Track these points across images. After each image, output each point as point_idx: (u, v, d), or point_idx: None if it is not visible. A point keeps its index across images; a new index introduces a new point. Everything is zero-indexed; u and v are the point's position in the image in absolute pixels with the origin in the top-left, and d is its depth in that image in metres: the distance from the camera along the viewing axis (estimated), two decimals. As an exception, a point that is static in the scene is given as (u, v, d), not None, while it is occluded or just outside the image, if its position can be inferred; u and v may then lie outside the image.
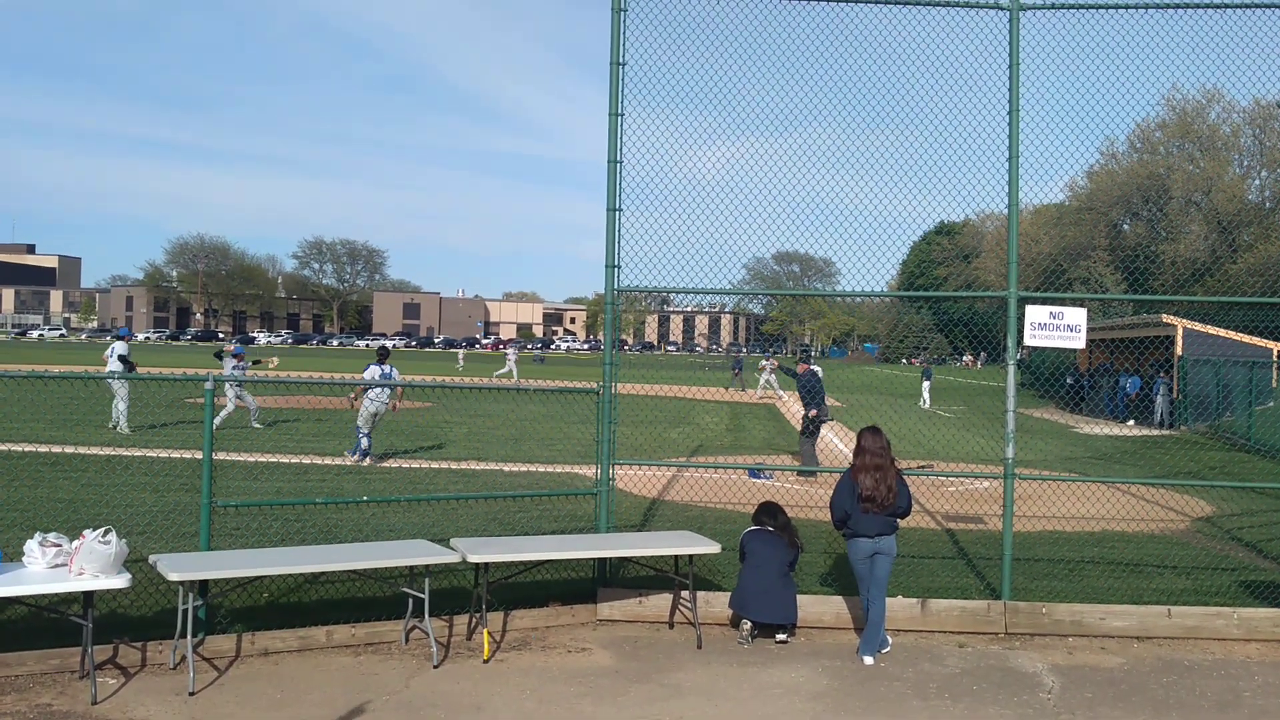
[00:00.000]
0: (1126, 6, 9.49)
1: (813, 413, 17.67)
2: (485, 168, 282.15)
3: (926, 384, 39.70)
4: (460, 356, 72.11)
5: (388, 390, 17.77)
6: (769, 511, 9.07)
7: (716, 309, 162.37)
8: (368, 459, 17.44)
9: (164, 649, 7.46)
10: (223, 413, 21.65)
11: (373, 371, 18.36)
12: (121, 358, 20.97)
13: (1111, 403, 35.64)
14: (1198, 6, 9.47)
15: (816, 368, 18.56)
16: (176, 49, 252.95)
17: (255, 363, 27.63)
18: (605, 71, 9.39)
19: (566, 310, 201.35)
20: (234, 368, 22.38)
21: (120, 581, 6.87)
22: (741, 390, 43.87)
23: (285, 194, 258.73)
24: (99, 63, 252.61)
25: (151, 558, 7.46)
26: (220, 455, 8.35)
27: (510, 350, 57.56)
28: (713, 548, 8.75)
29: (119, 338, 22.32)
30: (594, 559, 9.39)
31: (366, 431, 17.66)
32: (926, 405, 37.95)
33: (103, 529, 6.91)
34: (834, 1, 9.48)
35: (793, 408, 34.31)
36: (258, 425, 22.17)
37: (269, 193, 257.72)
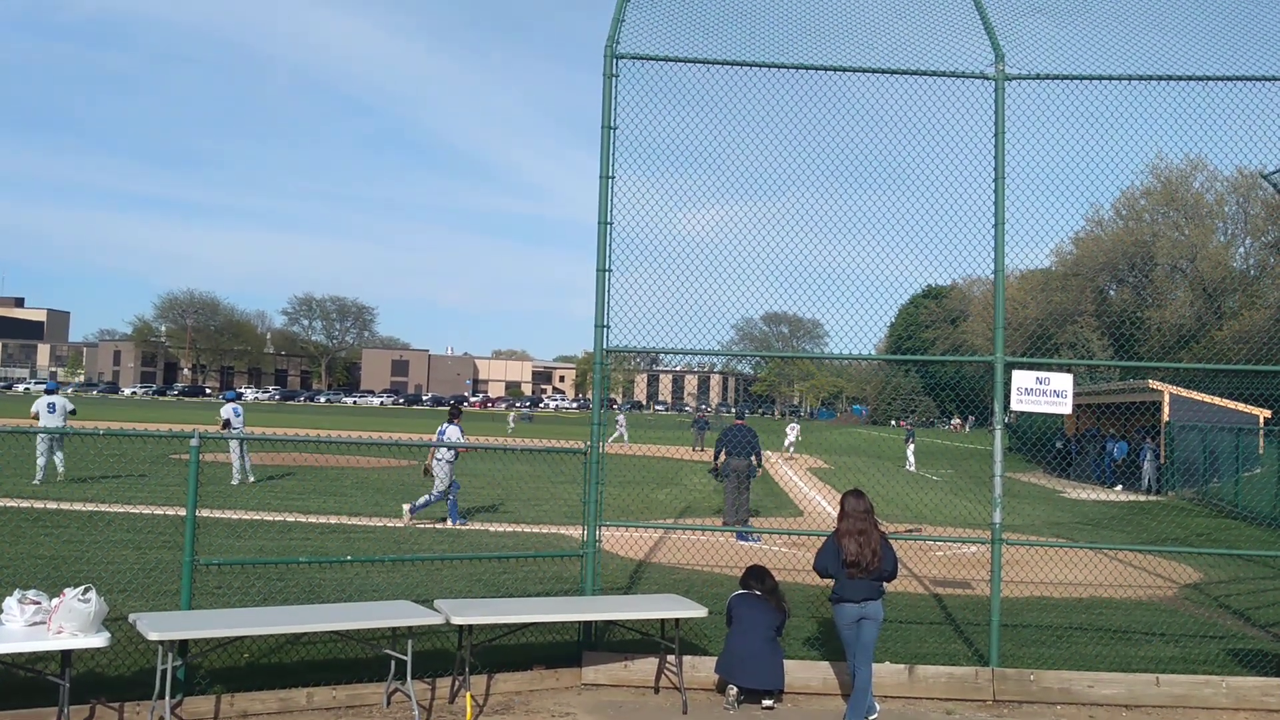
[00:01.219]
0: (1110, 78, 9.66)
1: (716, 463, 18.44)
2: (476, 226, 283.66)
3: (910, 447, 39.91)
4: (511, 419, 64.58)
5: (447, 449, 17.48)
6: (757, 575, 9.01)
7: (705, 369, 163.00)
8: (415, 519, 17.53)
9: (141, 710, 7.35)
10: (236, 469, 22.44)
11: (450, 431, 18.27)
12: (72, 412, 21.61)
13: (1099, 468, 35.67)
14: (1180, 79, 9.64)
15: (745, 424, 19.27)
16: (171, 106, 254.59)
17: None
18: (597, 134, 9.50)
19: (556, 369, 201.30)
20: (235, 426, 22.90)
21: (99, 640, 6.78)
22: (703, 450, 43.40)
23: (276, 250, 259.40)
24: (92, 117, 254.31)
25: (131, 616, 7.37)
26: (203, 512, 8.28)
27: (620, 414, 53.69)
28: (699, 611, 8.69)
29: (50, 391, 22.44)
30: (579, 622, 9.31)
31: (435, 492, 17.64)
32: (912, 468, 38.02)
33: (83, 587, 6.83)
34: (822, 70, 9.63)
35: (781, 470, 34.26)
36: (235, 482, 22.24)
37: (260, 249, 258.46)
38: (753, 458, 18.20)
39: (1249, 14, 9.97)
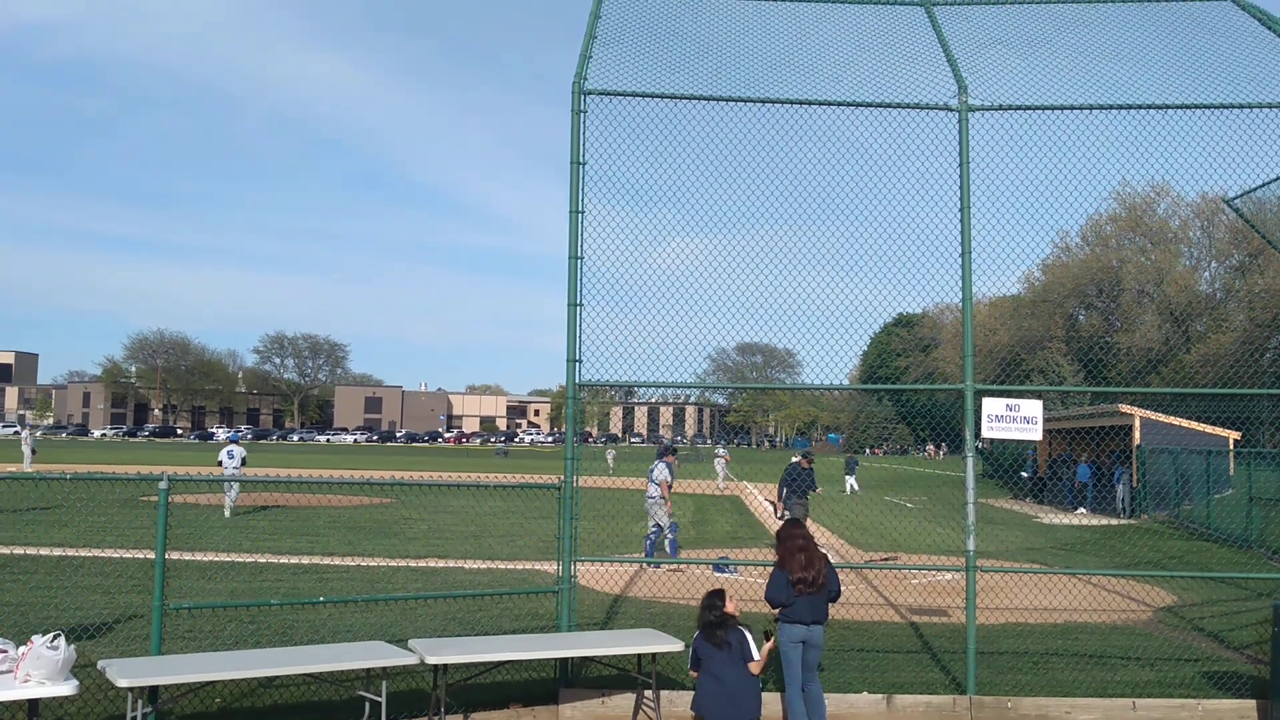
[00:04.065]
0: (1073, 108, 9.79)
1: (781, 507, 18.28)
2: (449, 261, 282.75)
3: (850, 478, 41.51)
4: (610, 458, 57.29)
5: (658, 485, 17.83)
6: (713, 612, 8.69)
7: (681, 400, 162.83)
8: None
9: (111, 759, 7.23)
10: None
11: (659, 469, 18.48)
12: None
13: (1071, 492, 35.87)
14: (1141, 107, 9.78)
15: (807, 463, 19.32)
16: (142, 146, 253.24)
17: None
18: (568, 169, 9.53)
19: (530, 402, 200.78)
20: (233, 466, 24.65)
21: (67, 688, 6.67)
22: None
23: (248, 289, 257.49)
24: (61, 158, 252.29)
25: (100, 663, 7.27)
26: (174, 555, 8.19)
27: (721, 452, 48.05)
28: (675, 646, 8.64)
29: None
30: (556, 659, 9.24)
31: (653, 529, 17.62)
32: (854, 490, 40.04)
33: (51, 634, 6.73)
34: (789, 104, 9.72)
35: (757, 500, 34.23)
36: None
37: (231, 287, 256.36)
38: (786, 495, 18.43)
39: (1206, 44, 10.17)
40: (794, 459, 19.40)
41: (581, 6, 10.38)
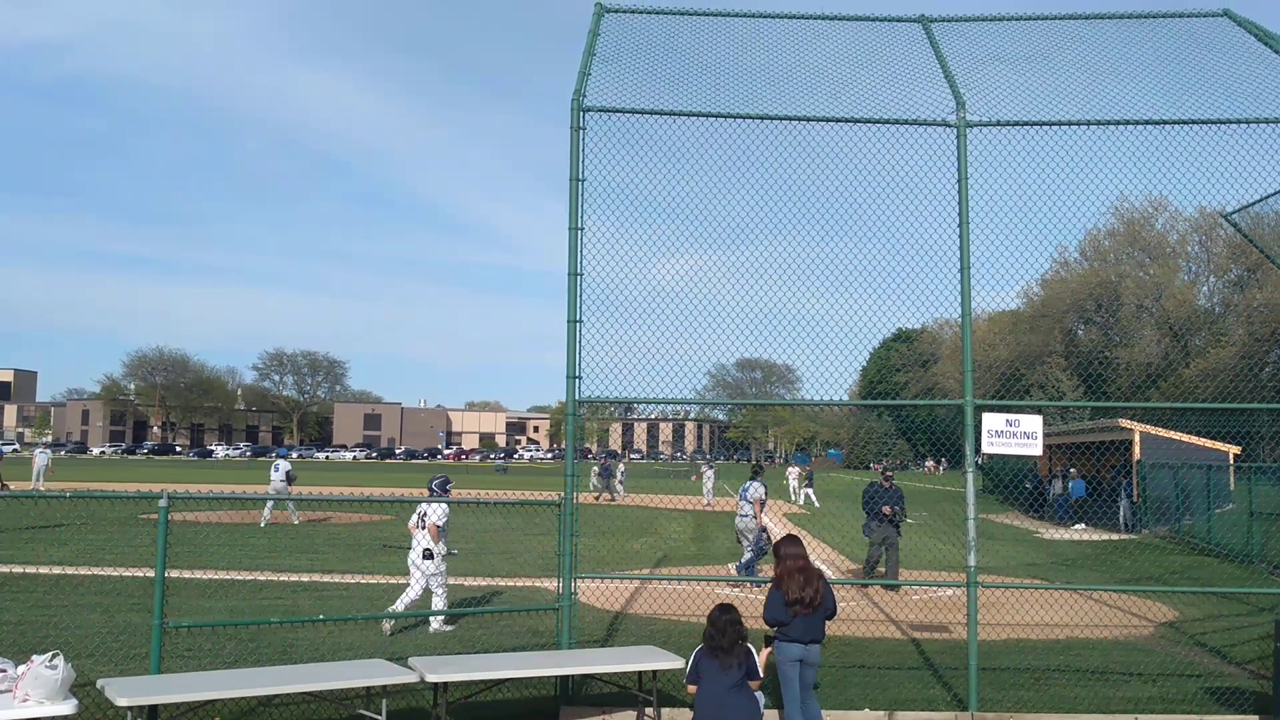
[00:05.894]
0: (1070, 123, 9.81)
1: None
2: (449, 278, 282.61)
3: (809, 488, 43.09)
4: (594, 475, 54.20)
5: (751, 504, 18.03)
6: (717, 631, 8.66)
7: (680, 416, 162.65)
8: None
9: (110, 778, 7.19)
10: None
11: (755, 488, 18.51)
12: None
13: (1062, 507, 35.81)
14: (1139, 123, 9.80)
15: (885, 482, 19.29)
16: (144, 166, 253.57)
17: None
18: (567, 186, 9.54)
19: (530, 419, 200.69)
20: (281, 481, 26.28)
21: (66, 708, 6.65)
22: (611, 497, 43.34)
23: (247, 306, 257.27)
24: (62, 178, 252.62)
25: (100, 682, 7.25)
26: (174, 573, 8.18)
27: (707, 470, 44.20)
28: (676, 663, 8.62)
29: None
30: (556, 676, 9.22)
31: (749, 549, 17.86)
32: (800, 502, 42.23)
33: (50, 653, 6.72)
34: (788, 120, 9.74)
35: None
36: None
37: (231, 305, 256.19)
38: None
39: (1203, 60, 10.21)
40: (874, 480, 19.33)
41: (581, 24, 10.44)
